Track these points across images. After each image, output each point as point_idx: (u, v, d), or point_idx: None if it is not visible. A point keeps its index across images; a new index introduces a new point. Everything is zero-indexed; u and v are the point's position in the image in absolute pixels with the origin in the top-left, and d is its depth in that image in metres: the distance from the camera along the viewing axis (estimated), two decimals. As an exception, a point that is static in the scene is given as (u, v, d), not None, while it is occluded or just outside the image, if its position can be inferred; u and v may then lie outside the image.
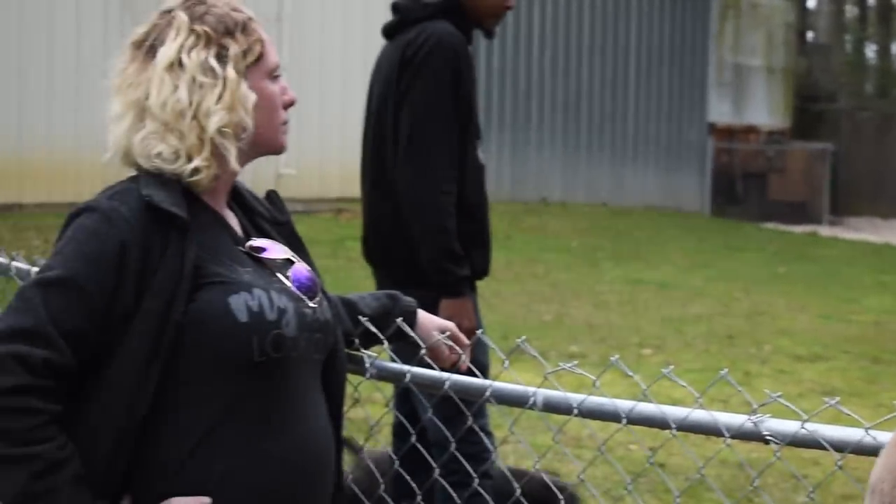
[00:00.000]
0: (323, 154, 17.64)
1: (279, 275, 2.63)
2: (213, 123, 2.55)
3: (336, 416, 2.73)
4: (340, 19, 18.38)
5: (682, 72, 24.32)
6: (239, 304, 2.47)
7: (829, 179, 25.80)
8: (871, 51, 33.11)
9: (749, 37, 25.82)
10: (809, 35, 31.05)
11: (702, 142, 24.69)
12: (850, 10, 33.17)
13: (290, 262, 2.69)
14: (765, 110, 26.20)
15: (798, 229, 22.53)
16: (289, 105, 2.70)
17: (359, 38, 17.78)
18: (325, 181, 17.85)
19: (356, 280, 11.92)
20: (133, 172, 2.61)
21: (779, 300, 13.88)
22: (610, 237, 18.33)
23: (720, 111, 25.16)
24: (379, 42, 5.10)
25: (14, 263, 3.90)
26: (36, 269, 3.62)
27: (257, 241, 2.68)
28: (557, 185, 22.11)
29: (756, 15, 26.01)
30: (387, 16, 5.10)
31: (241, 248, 2.63)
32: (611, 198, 22.49)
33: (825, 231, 23.11)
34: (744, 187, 25.21)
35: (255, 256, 2.64)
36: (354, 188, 5.52)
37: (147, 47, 2.60)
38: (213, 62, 2.57)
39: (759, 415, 2.51)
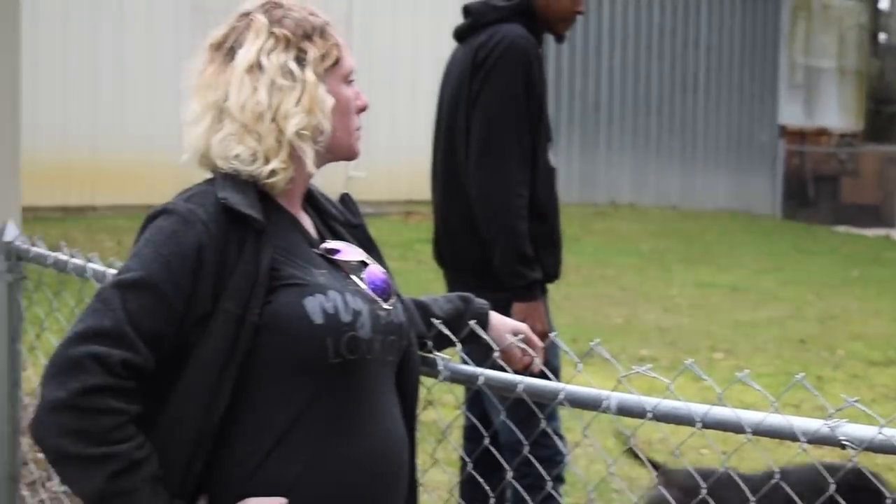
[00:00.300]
0: (392, 156, 17.69)
1: (353, 277, 2.64)
2: (291, 126, 2.56)
3: (409, 418, 2.73)
4: (410, 22, 18.43)
5: (752, 74, 24.18)
6: (314, 306, 2.48)
7: (902, 182, 25.54)
8: (945, 52, 32.71)
9: (820, 38, 25.62)
10: (882, 36, 30.72)
11: (773, 144, 24.53)
12: (924, 12, 32.79)
13: (364, 265, 2.70)
14: (836, 112, 25.99)
15: (870, 233, 22.31)
16: (362, 110, 2.71)
17: (428, 40, 17.82)
18: (394, 183, 17.90)
19: (425, 282, 11.93)
20: (206, 174, 2.64)
21: (852, 304, 13.76)
22: (680, 240, 18.24)
23: (791, 113, 24.99)
24: (448, 44, 5.10)
25: (90, 265, 3.94)
26: (112, 270, 3.65)
27: (331, 244, 2.69)
28: (627, 187, 22.05)
29: (828, 16, 25.81)
30: (456, 18, 5.11)
31: (315, 250, 2.64)
32: (681, 200, 22.40)
33: (898, 234, 22.88)
34: (815, 190, 25.02)
35: (329, 259, 2.65)
36: (423, 190, 5.53)
37: (226, 49, 2.61)
38: (293, 65, 2.58)
39: (835, 419, 2.49)
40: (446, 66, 5.05)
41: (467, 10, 4.98)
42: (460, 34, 4.99)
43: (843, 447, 2.46)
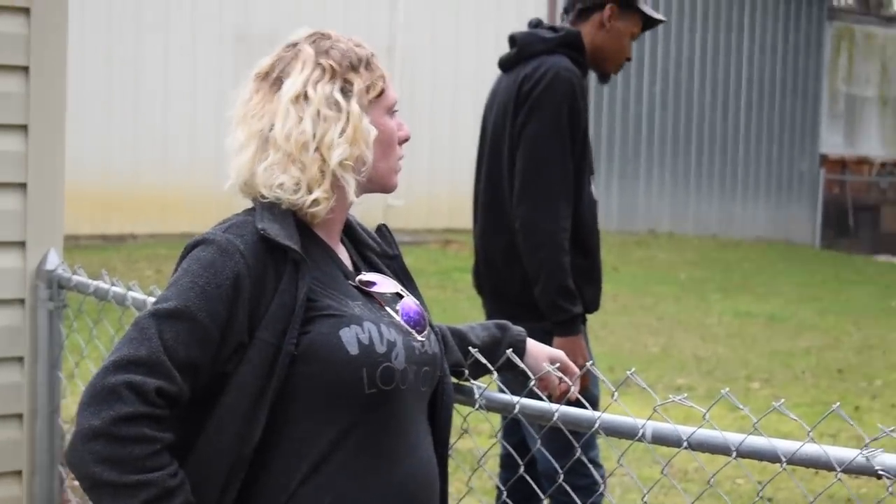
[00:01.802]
0: (432, 185, 17.75)
1: (388, 308, 2.66)
2: (335, 156, 2.58)
3: (442, 448, 2.74)
4: (452, 51, 18.50)
5: (793, 103, 24.13)
6: (350, 336, 2.50)
7: (944, 212, 25.39)
8: None
9: (863, 67, 25.55)
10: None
11: (813, 173, 24.45)
12: (966, 40, 32.61)
13: (399, 296, 2.71)
14: (878, 141, 25.87)
15: (910, 262, 22.18)
16: (404, 141, 2.73)
17: (469, 69, 17.88)
18: (433, 212, 17.95)
19: (463, 311, 11.95)
20: (248, 203, 2.66)
21: (890, 334, 13.68)
22: (719, 269, 18.20)
23: (832, 142, 24.91)
24: (490, 73, 5.09)
25: (130, 293, 3.97)
26: (152, 299, 3.68)
27: (367, 276, 2.70)
28: (666, 216, 22.02)
29: (870, 45, 25.74)
30: (497, 47, 5.11)
31: (351, 282, 2.66)
32: (720, 230, 22.36)
33: (939, 264, 22.72)
34: (855, 219, 24.91)
35: (364, 290, 2.67)
36: (462, 219, 5.55)
37: (273, 79, 2.63)
38: (338, 96, 2.60)
39: (871, 449, 2.48)
40: (490, 94, 5.02)
41: (513, 40, 4.96)
42: (506, 64, 4.96)
43: (879, 477, 2.46)
